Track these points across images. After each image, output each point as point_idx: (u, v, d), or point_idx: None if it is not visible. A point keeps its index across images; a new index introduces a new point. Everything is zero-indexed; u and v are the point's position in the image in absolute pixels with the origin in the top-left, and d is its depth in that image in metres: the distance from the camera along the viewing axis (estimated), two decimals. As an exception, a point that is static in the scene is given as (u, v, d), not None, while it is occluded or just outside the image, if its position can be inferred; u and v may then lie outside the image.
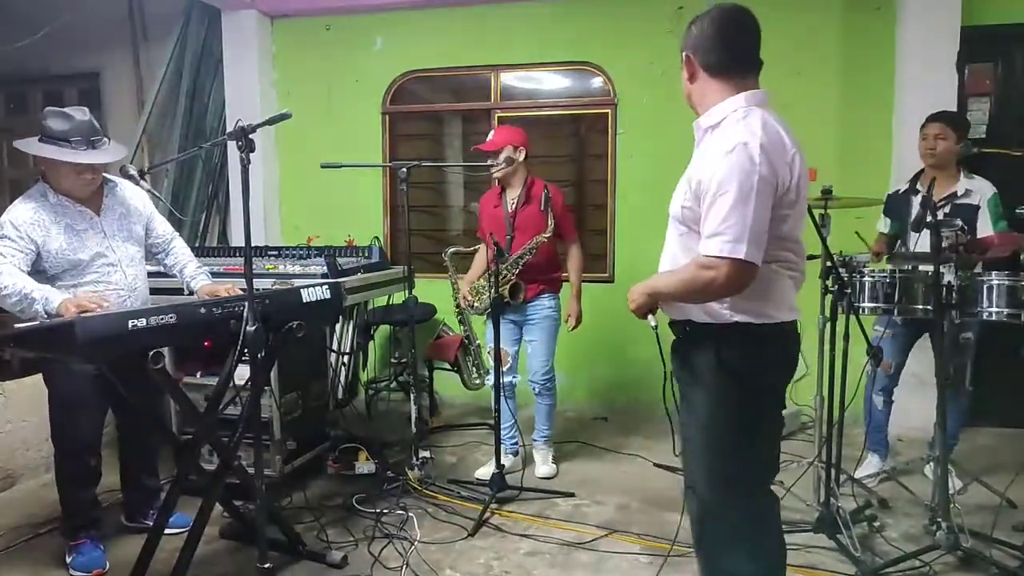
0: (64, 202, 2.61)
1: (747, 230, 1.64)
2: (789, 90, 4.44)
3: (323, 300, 2.76)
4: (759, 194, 1.65)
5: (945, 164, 3.29)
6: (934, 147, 3.26)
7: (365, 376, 4.89)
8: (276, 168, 5.34)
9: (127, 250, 2.75)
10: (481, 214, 3.77)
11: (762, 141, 1.67)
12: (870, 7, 4.34)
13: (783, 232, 1.76)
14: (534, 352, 3.60)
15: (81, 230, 2.62)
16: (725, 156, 1.67)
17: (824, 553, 2.75)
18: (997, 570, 2.56)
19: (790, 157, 1.72)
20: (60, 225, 2.58)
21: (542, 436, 3.73)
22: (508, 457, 3.64)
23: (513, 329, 3.62)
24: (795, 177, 1.73)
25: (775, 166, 1.68)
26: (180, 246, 2.98)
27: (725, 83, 1.79)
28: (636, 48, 4.64)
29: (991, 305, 2.73)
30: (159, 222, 2.93)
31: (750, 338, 1.79)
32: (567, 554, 2.83)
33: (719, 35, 1.77)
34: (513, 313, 3.57)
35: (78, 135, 2.52)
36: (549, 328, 3.57)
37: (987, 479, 3.22)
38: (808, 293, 3.96)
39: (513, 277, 3.44)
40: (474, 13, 4.89)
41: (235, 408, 2.71)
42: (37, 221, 2.54)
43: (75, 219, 2.62)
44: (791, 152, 1.73)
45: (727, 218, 1.65)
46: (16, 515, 3.19)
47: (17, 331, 2.11)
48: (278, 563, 2.64)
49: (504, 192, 3.61)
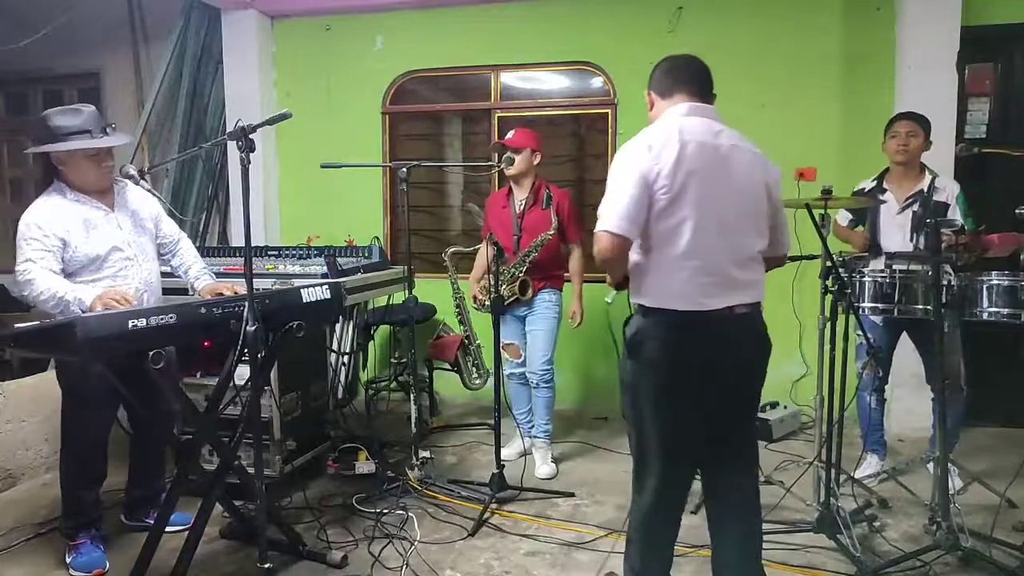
0: (80, 198, 2.65)
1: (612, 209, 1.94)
2: (789, 90, 4.46)
3: (323, 300, 2.76)
4: (630, 181, 1.94)
5: (912, 162, 3.34)
6: (906, 144, 3.29)
7: (365, 376, 4.89)
8: (276, 168, 5.34)
9: (142, 244, 2.78)
10: (488, 214, 3.84)
11: (649, 141, 1.98)
12: (870, 7, 4.34)
13: (670, 225, 1.95)
14: (533, 342, 3.68)
15: (97, 224, 2.65)
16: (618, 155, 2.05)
17: (824, 553, 2.75)
18: (997, 570, 2.56)
19: (678, 148, 1.94)
20: (78, 221, 2.61)
21: (542, 431, 3.77)
22: (526, 440, 3.82)
23: (520, 323, 3.74)
24: (680, 170, 1.93)
25: (656, 157, 1.94)
26: (187, 247, 3.01)
27: (667, 103, 2.14)
28: (636, 48, 4.63)
29: (991, 305, 2.73)
30: (166, 222, 2.96)
31: (647, 321, 2.01)
32: (567, 554, 2.83)
33: (661, 72, 2.18)
34: (519, 307, 3.68)
35: (93, 124, 2.59)
36: (549, 320, 3.67)
37: (987, 479, 3.22)
38: (808, 293, 3.98)
39: (521, 275, 3.58)
40: (474, 13, 4.89)
41: (235, 408, 2.71)
42: (58, 218, 2.57)
43: (91, 214, 2.65)
44: (676, 147, 1.94)
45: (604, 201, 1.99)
46: (16, 515, 3.19)
47: (17, 331, 2.10)
48: (278, 563, 2.64)
49: (512, 193, 3.71)
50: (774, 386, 4.49)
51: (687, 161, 1.93)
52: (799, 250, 3.43)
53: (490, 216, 3.81)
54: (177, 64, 5.40)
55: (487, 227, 3.79)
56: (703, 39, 4.53)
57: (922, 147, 3.31)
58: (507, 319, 3.71)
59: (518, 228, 3.64)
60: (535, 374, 3.68)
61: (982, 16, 4.10)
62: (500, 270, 3.55)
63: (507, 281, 3.59)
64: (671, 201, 1.93)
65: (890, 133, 3.37)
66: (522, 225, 3.64)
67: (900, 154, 3.32)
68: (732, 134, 2.06)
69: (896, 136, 3.33)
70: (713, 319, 1.96)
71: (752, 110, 4.48)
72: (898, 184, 3.38)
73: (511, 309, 3.67)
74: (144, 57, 5.63)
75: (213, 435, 2.65)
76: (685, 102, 2.08)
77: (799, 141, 4.42)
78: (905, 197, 3.33)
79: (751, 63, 4.48)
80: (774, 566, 2.69)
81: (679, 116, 2.05)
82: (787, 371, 4.49)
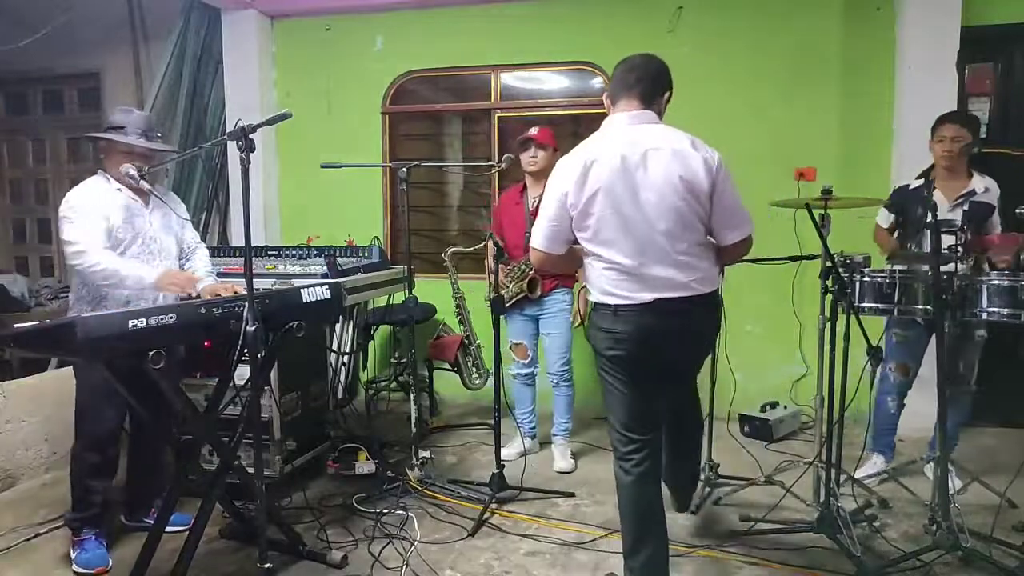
0: (120, 187, 2.78)
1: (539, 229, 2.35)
2: (789, 90, 4.46)
3: (323, 300, 2.76)
4: (551, 204, 2.30)
5: (959, 164, 3.26)
6: (951, 149, 3.19)
7: (365, 376, 4.89)
8: (276, 168, 5.34)
9: (167, 243, 2.89)
10: (500, 209, 3.89)
11: (564, 164, 2.29)
12: (870, 7, 4.34)
13: (585, 236, 2.26)
14: (551, 344, 3.73)
15: (133, 214, 2.78)
16: None
17: (824, 553, 2.75)
18: (997, 570, 2.56)
19: (580, 172, 2.20)
20: (119, 203, 2.75)
21: (561, 429, 3.83)
22: (527, 440, 3.87)
23: (530, 323, 3.78)
24: (584, 190, 2.20)
25: (565, 181, 2.24)
26: (201, 254, 3.09)
27: (614, 110, 2.34)
28: (636, 48, 4.49)
29: (991, 305, 2.73)
30: (190, 231, 3.09)
31: (597, 313, 2.31)
32: (567, 554, 2.83)
33: (614, 77, 2.38)
34: (530, 307, 3.72)
35: (138, 125, 2.76)
36: (564, 321, 3.71)
37: (987, 479, 3.22)
38: (808, 293, 3.98)
39: (531, 272, 3.60)
40: (474, 13, 4.89)
41: (235, 408, 2.71)
42: (98, 196, 2.72)
43: (130, 202, 2.78)
44: (579, 170, 2.20)
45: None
46: (16, 515, 3.19)
47: (17, 331, 2.10)
48: (278, 563, 2.65)
49: (525, 191, 3.75)
50: (774, 386, 4.50)
51: (590, 181, 2.19)
52: (799, 250, 3.45)
53: (502, 212, 3.86)
54: (177, 64, 5.40)
55: (497, 223, 3.86)
56: (703, 39, 4.53)
57: (970, 145, 3.15)
58: (515, 319, 3.76)
59: (530, 225, 3.64)
60: (555, 375, 3.74)
61: (982, 16, 4.10)
62: (511, 267, 3.64)
63: (516, 278, 3.63)
64: (581, 216, 2.22)
65: (936, 136, 3.27)
66: (534, 221, 3.65)
67: (945, 159, 3.23)
68: (657, 137, 2.20)
69: (942, 141, 3.23)
70: (641, 310, 2.19)
71: (752, 110, 4.49)
72: (946, 184, 3.27)
73: (520, 308, 3.72)
74: (144, 57, 5.63)
75: (213, 435, 2.65)
76: (623, 111, 2.28)
77: (799, 141, 4.42)
78: (955, 197, 3.23)
79: (751, 63, 4.48)
80: (774, 566, 2.69)
81: (607, 127, 2.29)
82: (787, 371, 4.49)
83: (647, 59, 2.33)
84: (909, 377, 3.37)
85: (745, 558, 2.75)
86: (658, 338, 2.20)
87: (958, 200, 3.24)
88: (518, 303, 3.70)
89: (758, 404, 4.33)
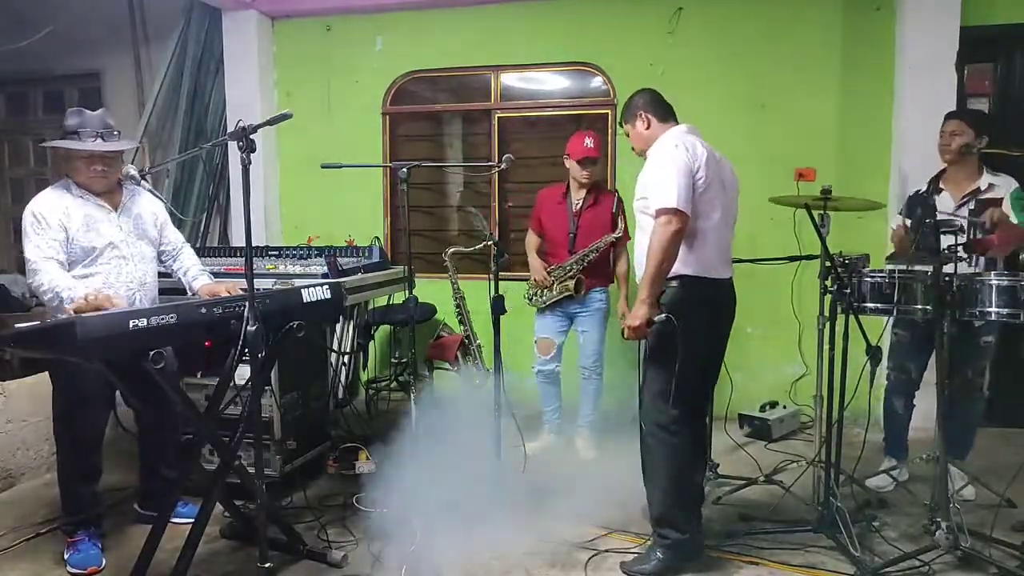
0: (85, 195, 2.71)
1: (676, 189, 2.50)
2: (789, 90, 4.46)
3: (323, 300, 2.77)
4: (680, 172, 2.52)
5: (964, 161, 3.24)
6: (948, 143, 3.23)
7: (365, 376, 4.89)
8: (276, 168, 5.34)
9: (139, 247, 2.83)
10: (540, 208, 3.96)
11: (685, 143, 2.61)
12: (870, 7, 4.34)
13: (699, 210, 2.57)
14: (586, 340, 3.85)
15: (98, 221, 2.71)
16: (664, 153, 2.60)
17: (824, 553, 2.75)
18: (997, 570, 2.56)
19: (706, 156, 2.58)
20: (80, 213, 2.68)
21: (587, 420, 3.92)
22: (550, 435, 3.98)
23: (564, 320, 3.87)
24: (710, 169, 2.58)
25: (695, 159, 2.56)
26: (188, 253, 3.06)
27: (666, 125, 2.78)
28: (636, 48, 4.64)
29: (991, 305, 2.72)
30: (171, 230, 3.04)
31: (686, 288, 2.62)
32: (567, 554, 2.83)
33: (653, 100, 2.82)
34: (571, 305, 3.84)
35: (90, 127, 2.65)
36: (600, 319, 3.84)
37: (987, 479, 3.22)
38: (808, 293, 3.98)
39: (577, 272, 3.71)
40: (474, 13, 4.90)
41: (235, 408, 2.71)
42: (60, 207, 2.65)
43: (93, 211, 2.72)
44: (703, 155, 2.58)
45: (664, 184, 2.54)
46: (16, 515, 3.19)
47: (17, 331, 2.11)
48: (278, 563, 2.65)
49: (568, 193, 3.83)
50: (774, 386, 4.50)
51: (711, 166, 2.57)
52: (799, 250, 3.45)
53: (542, 211, 3.92)
54: (178, 64, 5.40)
55: (536, 221, 3.94)
56: (703, 39, 4.53)
57: (970, 145, 3.15)
58: (547, 315, 3.86)
59: (575, 226, 3.76)
60: (587, 368, 3.85)
61: (982, 16, 4.10)
62: (554, 267, 3.77)
63: (561, 278, 3.73)
64: (701, 193, 2.56)
65: (940, 132, 3.31)
66: (579, 223, 3.76)
67: (944, 153, 3.26)
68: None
69: (942, 136, 3.27)
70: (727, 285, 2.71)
71: (752, 110, 4.48)
72: (955, 183, 3.28)
73: (560, 306, 3.82)
74: (145, 57, 5.64)
75: (213, 435, 2.65)
76: (673, 125, 2.75)
77: (799, 141, 4.42)
78: (962, 196, 3.23)
79: (751, 63, 4.48)
80: (774, 566, 2.69)
81: (683, 132, 2.66)
82: (787, 371, 4.49)
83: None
84: (912, 377, 3.37)
85: (745, 558, 2.75)
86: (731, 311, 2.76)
87: (964, 199, 3.23)
88: (559, 301, 3.78)
89: (757, 404, 4.34)
